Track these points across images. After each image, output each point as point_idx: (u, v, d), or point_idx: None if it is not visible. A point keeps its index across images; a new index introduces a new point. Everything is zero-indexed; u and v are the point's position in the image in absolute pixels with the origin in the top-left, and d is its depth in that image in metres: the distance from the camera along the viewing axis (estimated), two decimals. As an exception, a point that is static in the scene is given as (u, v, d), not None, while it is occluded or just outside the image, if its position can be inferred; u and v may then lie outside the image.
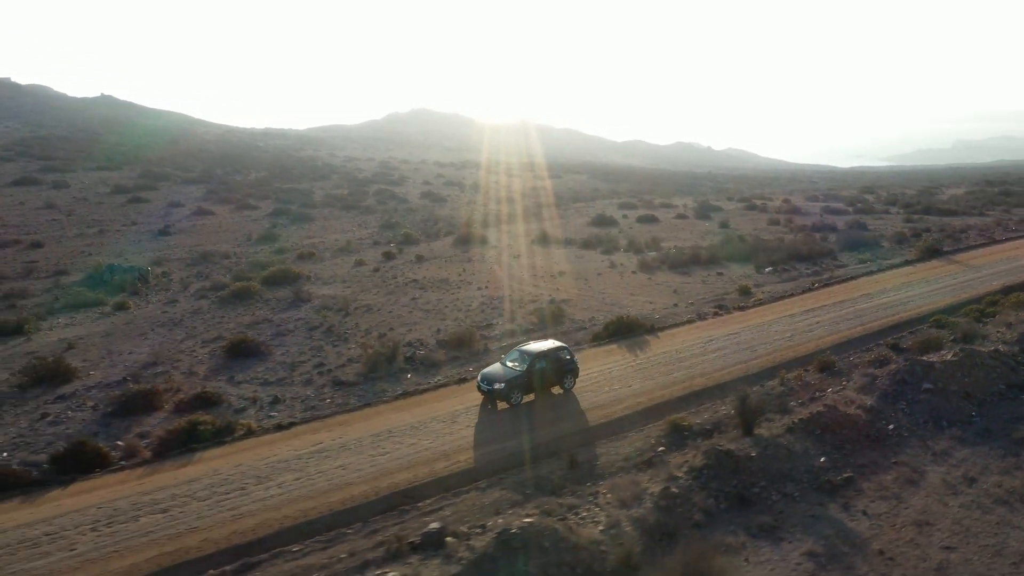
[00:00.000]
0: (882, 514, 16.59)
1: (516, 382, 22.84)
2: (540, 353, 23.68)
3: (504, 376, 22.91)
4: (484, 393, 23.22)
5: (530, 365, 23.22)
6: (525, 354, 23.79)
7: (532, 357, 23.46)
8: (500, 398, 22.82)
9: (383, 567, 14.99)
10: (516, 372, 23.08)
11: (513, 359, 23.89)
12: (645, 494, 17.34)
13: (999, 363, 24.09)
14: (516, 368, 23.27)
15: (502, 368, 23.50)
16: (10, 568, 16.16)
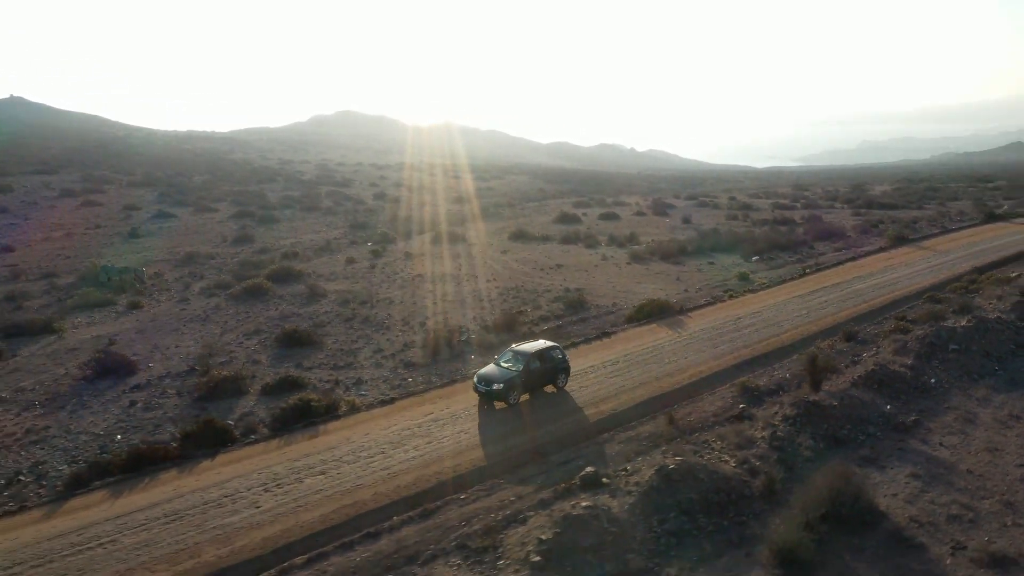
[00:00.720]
0: (956, 445, 20.07)
1: (514, 382, 23.00)
2: (535, 353, 23.90)
3: (502, 376, 23.08)
4: (481, 394, 23.39)
5: (526, 365, 23.42)
6: (520, 354, 23.92)
7: (527, 357, 23.65)
8: (498, 398, 22.96)
9: (561, 502, 17.43)
10: (513, 372, 23.25)
11: (507, 359, 24.05)
12: (755, 439, 20.30)
13: (1005, 327, 28.32)
14: (512, 368, 23.44)
15: (498, 369, 23.66)
16: (211, 523, 17.86)
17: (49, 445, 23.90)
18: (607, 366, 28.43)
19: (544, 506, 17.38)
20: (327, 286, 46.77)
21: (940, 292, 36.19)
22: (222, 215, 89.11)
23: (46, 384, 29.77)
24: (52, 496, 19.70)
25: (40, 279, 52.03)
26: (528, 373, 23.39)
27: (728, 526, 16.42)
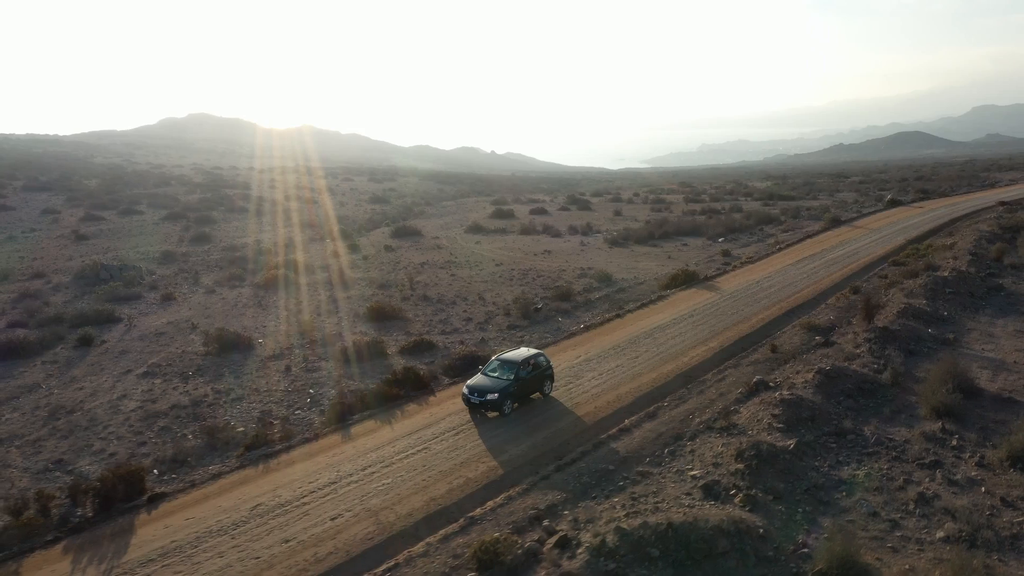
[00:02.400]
0: (993, 350, 28.37)
1: (508, 391, 22.96)
2: (523, 361, 23.93)
3: (495, 387, 22.91)
4: (475, 405, 23.22)
5: (517, 373, 23.40)
6: (508, 363, 23.84)
7: (517, 365, 23.58)
8: (494, 408, 22.96)
9: (762, 394, 24.00)
10: (506, 382, 23.13)
11: (494, 369, 23.98)
12: (855, 354, 27.71)
13: (973, 277, 37.78)
14: (503, 378, 23.33)
15: (487, 379, 23.50)
16: (490, 432, 23.02)
17: (257, 400, 27.50)
18: (685, 319, 35.19)
19: (749, 397, 23.79)
20: (350, 274, 50.44)
21: (898, 257, 45.74)
22: (151, 217, 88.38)
23: (176, 361, 32.58)
24: (326, 429, 23.84)
25: (31, 279, 51.91)
26: (520, 381, 23.37)
27: (882, 402, 23.51)
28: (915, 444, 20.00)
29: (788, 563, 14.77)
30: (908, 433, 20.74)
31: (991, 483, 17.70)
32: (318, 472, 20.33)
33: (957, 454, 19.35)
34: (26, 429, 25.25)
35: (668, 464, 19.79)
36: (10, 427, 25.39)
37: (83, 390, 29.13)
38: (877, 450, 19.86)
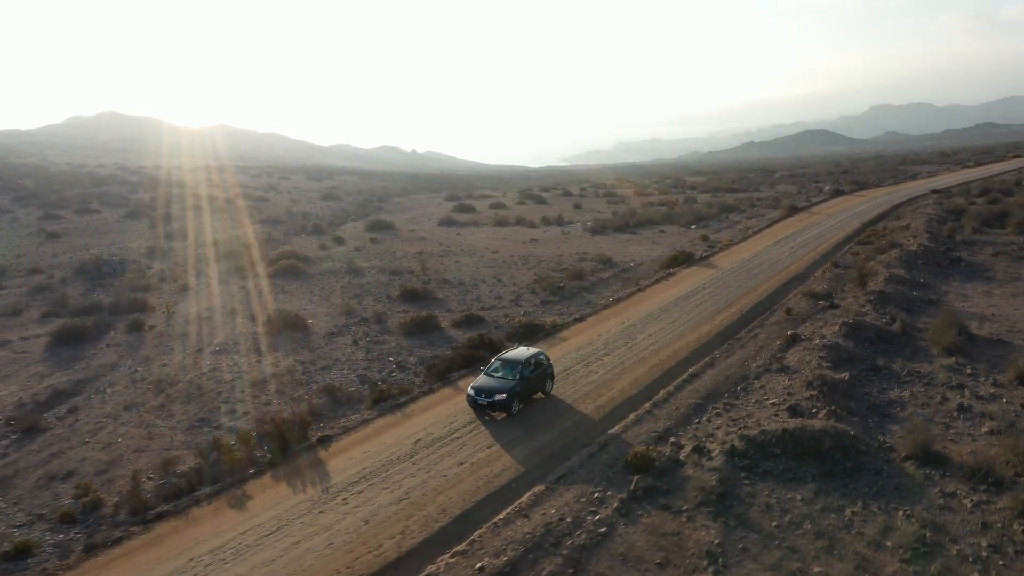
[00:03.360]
0: (972, 306, 34.15)
1: (516, 391, 22.75)
2: (527, 360, 23.79)
3: (502, 387, 22.68)
4: (482, 406, 22.98)
5: (522, 372, 23.28)
6: (512, 363, 23.68)
7: (521, 365, 23.45)
8: (502, 409, 22.67)
9: (793, 347, 28.84)
10: (512, 381, 22.93)
11: (496, 369, 23.79)
12: (861, 312, 32.97)
13: (936, 251, 44.03)
14: (509, 378, 23.14)
15: (492, 380, 23.21)
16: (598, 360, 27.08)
17: (345, 367, 30.69)
18: (700, 291, 39.92)
19: (788, 347, 28.56)
20: (362, 264, 53.37)
21: (861, 237, 51.95)
22: (113, 215, 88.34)
23: (240, 340, 35.25)
24: (435, 384, 27.37)
25: (30, 275, 52.70)
26: (525, 380, 23.24)
27: (899, 347, 28.68)
28: (939, 374, 25.04)
29: (878, 454, 19.31)
30: (930, 367, 25.79)
31: (1009, 395, 22.80)
32: (454, 415, 23.85)
33: (974, 379, 24.46)
34: (141, 399, 27.72)
35: (745, 397, 24.19)
36: (123, 398, 27.79)
37: (166, 367, 31.47)
38: (911, 379, 24.81)
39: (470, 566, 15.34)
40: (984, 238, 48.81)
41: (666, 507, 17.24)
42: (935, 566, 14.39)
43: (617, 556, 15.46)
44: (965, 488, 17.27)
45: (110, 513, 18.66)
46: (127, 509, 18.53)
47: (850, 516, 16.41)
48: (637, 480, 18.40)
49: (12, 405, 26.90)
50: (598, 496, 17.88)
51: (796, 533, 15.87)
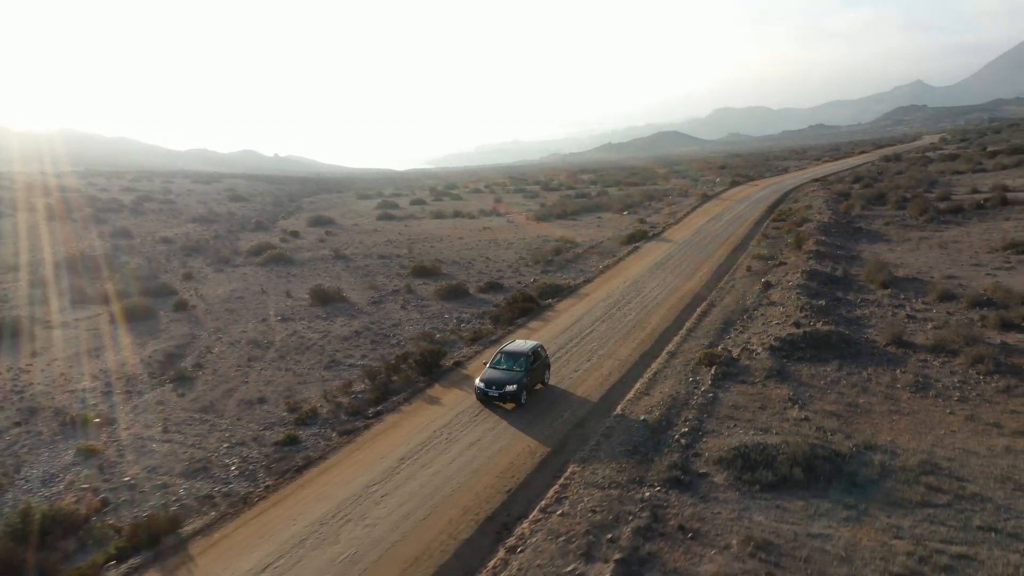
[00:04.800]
0: (888, 257, 44.92)
1: (523, 381, 23.32)
2: (529, 352, 24.42)
3: (512, 378, 23.24)
4: (492, 399, 23.40)
5: (528, 363, 24.01)
6: (516, 354, 24.26)
7: (526, 356, 24.10)
8: (512, 400, 23.19)
9: (770, 289, 38.18)
10: (519, 372, 23.56)
11: (500, 362, 24.37)
12: (807, 265, 42.94)
13: (842, 223, 55.30)
14: (515, 369, 23.76)
15: (499, 372, 23.71)
16: (631, 302, 35.13)
17: (410, 325, 37.05)
18: (672, 258, 48.62)
19: (766, 290, 37.72)
20: (347, 250, 58.97)
21: (774, 216, 62.96)
22: (34, 217, 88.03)
23: (295, 311, 40.59)
24: (507, 328, 34.50)
25: (7, 272, 54.77)
26: (531, 371, 23.95)
27: (846, 285, 38.47)
28: (883, 300, 34.71)
29: (868, 344, 28.29)
30: (875, 296, 35.47)
31: (936, 308, 32.63)
32: (553, 336, 31.18)
33: (908, 301, 34.22)
34: (254, 354, 33.02)
35: (753, 322, 32.72)
36: (236, 355, 32.88)
37: (246, 333, 36.62)
38: (865, 304, 34.35)
39: (637, 413, 22.78)
40: (872, 213, 60.75)
41: (743, 381, 25.25)
42: (931, 393, 23.24)
43: (728, 406, 23.27)
44: (931, 356, 26.43)
45: (330, 417, 24.66)
46: (345, 412, 24.58)
47: (867, 375, 25.08)
48: (715, 368, 26.38)
49: (139, 365, 31.51)
50: (691, 380, 25.69)
51: (838, 386, 24.33)
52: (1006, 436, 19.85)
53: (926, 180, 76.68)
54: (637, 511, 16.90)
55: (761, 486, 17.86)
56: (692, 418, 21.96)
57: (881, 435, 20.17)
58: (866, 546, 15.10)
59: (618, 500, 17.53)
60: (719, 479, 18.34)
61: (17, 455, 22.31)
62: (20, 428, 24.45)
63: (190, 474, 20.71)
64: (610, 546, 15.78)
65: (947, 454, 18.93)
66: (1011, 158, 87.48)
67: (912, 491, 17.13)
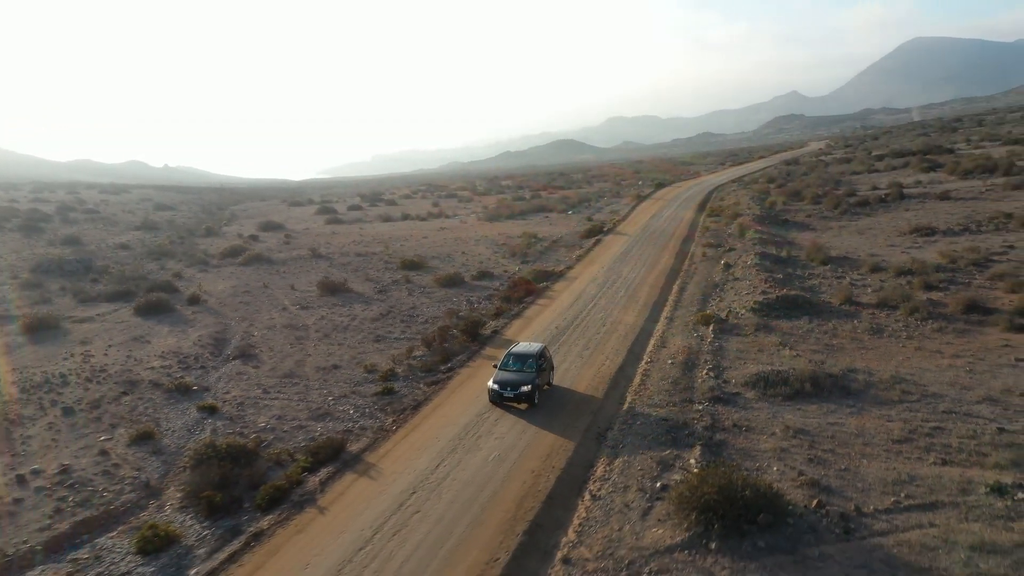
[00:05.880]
0: (812, 241, 52.99)
1: (536, 382, 23.85)
2: (537, 353, 25.02)
3: (525, 379, 23.77)
4: (508, 399, 23.90)
5: (537, 364, 24.61)
6: (525, 356, 24.87)
7: (535, 357, 24.74)
8: (527, 400, 23.64)
9: (728, 270, 45.34)
10: (531, 373, 24.13)
11: (510, 364, 24.95)
12: (754, 248, 50.46)
13: (771, 215, 63.53)
14: (526, 370, 24.32)
15: (512, 373, 24.24)
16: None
17: (429, 306, 42.01)
18: (634, 247, 55.06)
19: (727, 269, 44.77)
20: (323, 250, 62.91)
21: (708, 211, 70.87)
22: None
23: (306, 300, 44.86)
24: (520, 305, 40.03)
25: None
26: (540, 372, 24.51)
27: (789, 263, 45.91)
28: (826, 274, 42.11)
29: (826, 304, 35.33)
30: (819, 271, 42.89)
31: (871, 277, 40.14)
32: (560, 315, 36.88)
33: (846, 273, 41.75)
34: (297, 335, 37.19)
35: (725, 294, 39.23)
36: (279, 337, 36.96)
37: (274, 320, 40.53)
38: (813, 277, 41.64)
39: (663, 359, 28.71)
40: (793, 208, 69.39)
41: (738, 334, 31.56)
42: (885, 335, 30.27)
43: (734, 351, 29.47)
44: (877, 311, 33.54)
45: (408, 375, 29.53)
46: (420, 370, 29.52)
47: (833, 325, 31.83)
48: (712, 326, 32.73)
49: (193, 347, 35.18)
50: (696, 335, 31.90)
51: (813, 334, 30.91)
52: (946, 358, 26.78)
53: (832, 180, 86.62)
54: (699, 417, 22.69)
55: (782, 397, 23.97)
56: (709, 360, 28.02)
57: (857, 363, 26.75)
58: (869, 427, 21.32)
59: (680, 412, 23.29)
60: (749, 395, 24.38)
61: (147, 414, 26.10)
62: (129, 396, 28.02)
63: (317, 418, 25.17)
64: (689, 439, 21.50)
65: (908, 371, 25.64)
66: (897, 160, 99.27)
67: (891, 393, 23.61)
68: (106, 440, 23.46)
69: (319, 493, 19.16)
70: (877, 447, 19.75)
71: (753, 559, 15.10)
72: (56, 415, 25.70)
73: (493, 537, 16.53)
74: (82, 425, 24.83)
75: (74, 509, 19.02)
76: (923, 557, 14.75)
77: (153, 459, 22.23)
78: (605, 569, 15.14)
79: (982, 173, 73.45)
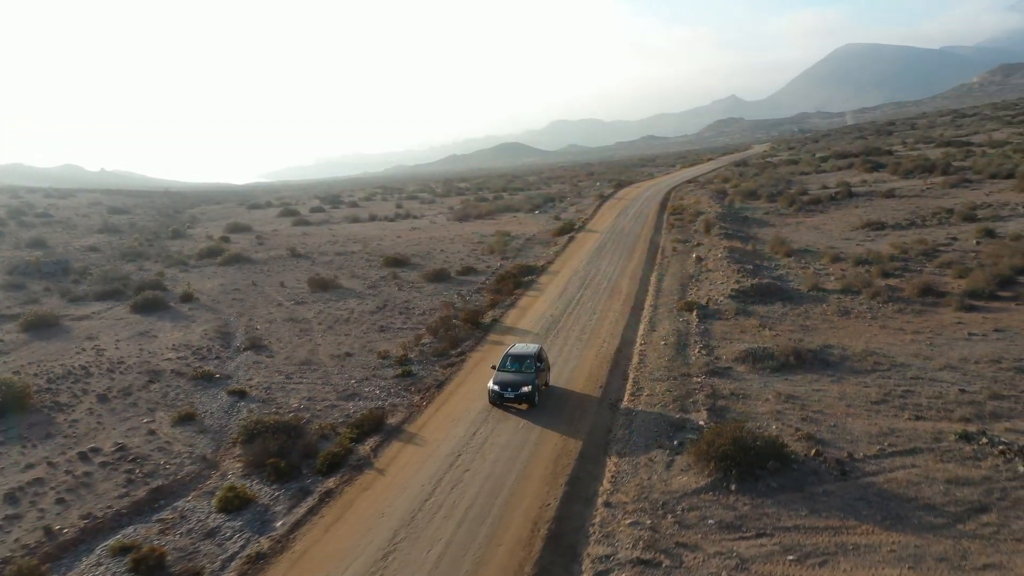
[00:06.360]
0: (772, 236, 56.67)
1: (536, 382, 23.87)
2: (535, 354, 25.01)
3: (525, 380, 23.75)
4: (509, 400, 23.82)
5: (536, 365, 24.63)
6: (524, 357, 24.80)
7: (533, 358, 24.69)
8: (527, 400, 23.64)
9: (701, 263, 48.64)
10: (531, 374, 24.09)
11: (508, 365, 24.88)
12: (722, 242, 53.90)
13: (730, 213, 67.28)
14: (526, 371, 24.28)
15: (511, 374, 24.16)
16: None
17: (424, 301, 44.10)
18: (607, 243, 57.90)
19: (699, 263, 48.03)
20: (301, 249, 64.39)
21: (670, 210, 74.38)
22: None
23: (299, 296, 46.50)
24: (512, 295, 42.50)
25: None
26: (539, 372, 24.49)
27: (756, 256, 49.38)
28: (791, 264, 45.52)
29: (795, 291, 38.59)
30: (783, 263, 46.22)
31: (832, 268, 43.69)
32: (552, 304, 39.41)
33: (810, 264, 45.13)
34: (303, 327, 39.05)
35: (702, 284, 42.31)
36: (284, 331, 38.77)
37: (273, 315, 42.15)
38: (779, 267, 44.98)
39: (656, 341, 31.47)
40: (751, 206, 73.37)
41: (720, 319, 34.52)
42: (852, 316, 33.60)
43: (719, 333, 32.34)
44: (843, 296, 36.88)
45: (421, 359, 31.69)
46: (432, 355, 31.73)
47: (804, 309, 35.06)
48: (695, 312, 35.68)
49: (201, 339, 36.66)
50: (682, 320, 34.76)
51: (788, 317, 34.02)
52: (908, 334, 30.10)
53: (783, 180, 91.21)
54: (699, 388, 25.42)
55: (770, 370, 26.87)
56: (699, 340, 30.84)
57: (831, 340, 29.86)
58: (850, 391, 24.31)
59: (681, 384, 26.02)
60: (741, 369, 27.25)
61: (180, 399, 27.74)
62: (157, 384, 29.56)
63: (346, 398, 27.17)
64: (693, 406, 24.22)
65: (877, 346, 28.83)
66: (842, 161, 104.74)
67: (864, 364, 26.71)
68: (149, 422, 25.04)
69: (373, 458, 21.24)
70: (859, 407, 22.65)
71: (768, 497, 17.73)
72: (92, 402, 27.09)
73: (539, 488, 18.87)
74: (121, 410, 26.28)
75: (144, 479, 20.70)
76: (909, 490, 17.55)
77: (200, 437, 23.91)
78: (643, 509, 17.58)
79: (922, 173, 78.64)
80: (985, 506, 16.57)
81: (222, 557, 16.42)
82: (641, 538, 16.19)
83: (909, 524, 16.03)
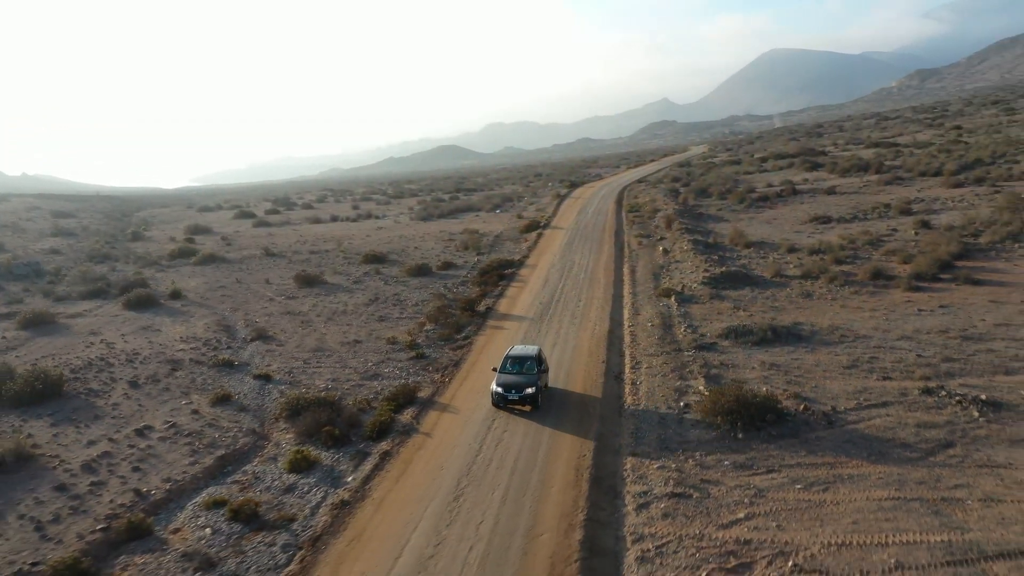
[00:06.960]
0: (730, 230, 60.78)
1: (539, 384, 23.71)
2: (536, 356, 24.89)
3: (528, 381, 23.59)
4: (512, 402, 23.61)
5: (538, 366, 24.51)
6: (525, 358, 24.72)
7: (535, 359, 24.64)
8: (531, 402, 23.45)
9: (667, 255, 52.32)
10: (533, 376, 23.93)
11: (509, 367, 24.62)
12: (683, 236, 57.72)
13: (686, 210, 71.34)
14: (528, 372, 24.14)
15: (514, 376, 23.94)
16: None
17: (413, 293, 46.53)
18: (575, 239, 60.95)
19: (666, 254, 51.65)
20: (275, 249, 65.85)
21: (628, 207, 78.20)
22: None
23: (288, 291, 48.28)
24: (493, 287, 45.31)
25: None
26: (541, 373, 24.29)
27: (719, 249, 53.28)
28: (752, 255, 49.45)
29: (759, 277, 42.42)
30: (744, 253, 50.16)
31: (789, 257, 47.75)
32: (537, 295, 42.30)
33: (769, 254, 49.15)
34: (304, 320, 41.05)
35: (673, 273, 45.76)
36: (288, 323, 40.69)
37: (267, 309, 44.00)
38: (743, 256, 48.81)
39: (642, 323, 34.64)
40: (704, 203, 77.62)
41: (696, 303, 37.83)
42: (815, 297, 37.39)
43: (698, 315, 35.51)
44: (804, 280, 40.64)
45: (429, 343, 34.17)
46: (438, 339, 34.23)
47: (771, 293, 38.62)
48: (673, 297, 39.02)
49: (206, 332, 38.35)
50: (663, 305, 38.03)
51: (758, 300, 37.64)
52: (866, 312, 33.88)
53: (730, 178, 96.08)
54: (691, 360, 28.58)
55: (751, 344, 30.17)
56: (682, 321, 34.05)
57: (800, 318, 33.40)
58: (823, 359, 27.76)
59: (675, 357, 29.17)
60: (725, 344, 30.51)
61: (209, 383, 29.59)
62: (181, 372, 31.33)
63: (369, 378, 29.46)
64: (690, 374, 27.36)
65: (840, 322, 32.46)
66: (782, 161, 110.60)
67: (832, 337, 30.26)
68: (188, 403, 26.90)
69: (417, 424, 23.69)
70: (833, 372, 26.09)
71: (771, 443, 20.85)
72: (124, 388, 28.74)
73: (573, 442, 21.64)
74: (156, 394, 28.04)
75: (207, 450, 22.72)
76: (887, 433, 20.89)
77: (242, 414, 25.94)
78: (667, 456, 20.52)
79: (858, 171, 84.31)
80: (951, 442, 19.94)
81: (309, 506, 18.66)
82: (671, 478, 19.04)
83: (890, 458, 19.26)
